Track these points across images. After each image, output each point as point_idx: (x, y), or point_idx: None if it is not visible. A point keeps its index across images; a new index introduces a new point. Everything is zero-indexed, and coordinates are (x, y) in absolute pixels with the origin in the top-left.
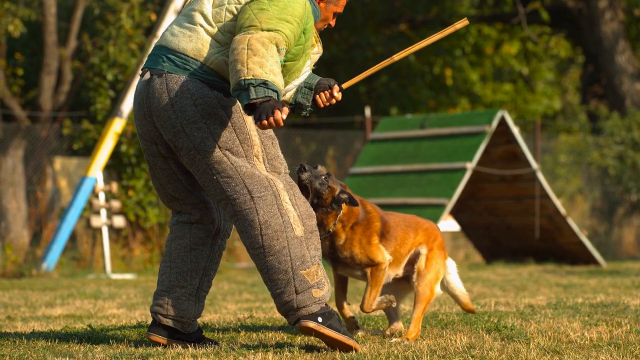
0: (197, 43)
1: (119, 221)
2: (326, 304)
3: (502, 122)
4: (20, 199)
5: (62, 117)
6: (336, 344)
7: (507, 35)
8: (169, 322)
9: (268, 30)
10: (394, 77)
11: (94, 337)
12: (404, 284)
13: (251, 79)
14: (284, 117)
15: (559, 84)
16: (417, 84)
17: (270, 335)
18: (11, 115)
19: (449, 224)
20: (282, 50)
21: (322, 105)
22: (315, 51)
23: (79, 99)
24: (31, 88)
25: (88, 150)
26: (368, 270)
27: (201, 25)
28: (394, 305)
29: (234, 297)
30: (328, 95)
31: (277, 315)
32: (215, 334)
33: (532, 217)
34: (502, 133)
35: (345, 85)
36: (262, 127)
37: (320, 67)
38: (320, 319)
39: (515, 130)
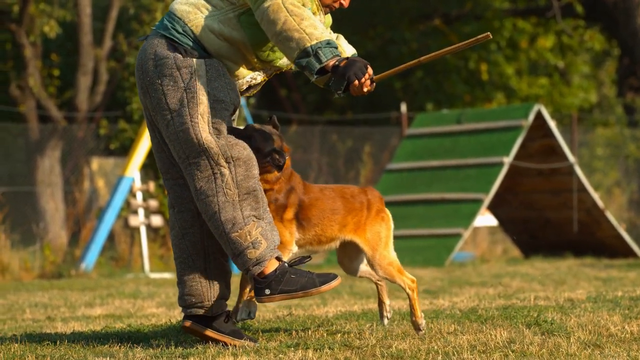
0: (187, 6)
1: (156, 220)
2: (281, 262)
3: (539, 116)
4: (58, 200)
5: (99, 117)
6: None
7: (542, 29)
8: (192, 312)
9: None
10: (429, 72)
11: (134, 336)
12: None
13: (316, 43)
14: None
15: (595, 77)
16: (452, 79)
17: (309, 332)
18: (48, 116)
19: (486, 218)
20: (308, 10)
21: (354, 94)
22: (319, 19)
23: (115, 99)
24: (67, 89)
25: (125, 150)
26: None
27: None
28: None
29: None
30: (361, 87)
31: (317, 312)
32: (255, 332)
33: (570, 211)
34: (539, 127)
35: (375, 78)
36: (360, 86)
37: None
38: (267, 291)
39: (552, 124)
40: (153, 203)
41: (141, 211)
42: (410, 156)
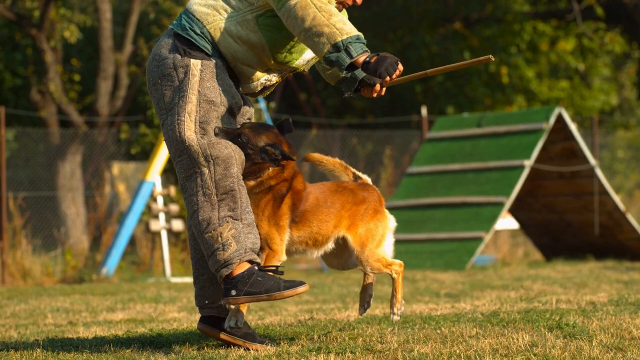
0: (206, 7)
1: (177, 224)
2: (251, 265)
3: (560, 119)
4: (79, 205)
5: (119, 122)
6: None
7: (562, 32)
8: (206, 313)
9: None
10: (449, 76)
11: (156, 341)
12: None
13: (347, 37)
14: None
15: (616, 79)
16: (473, 82)
17: (331, 336)
18: (69, 121)
19: (507, 222)
20: (333, 7)
21: (365, 96)
22: None
23: (135, 103)
24: (88, 93)
25: (145, 155)
26: (263, 255)
27: None
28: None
29: (293, 299)
30: (371, 90)
31: (339, 316)
32: (277, 336)
33: (591, 214)
34: (560, 130)
35: (384, 84)
36: (390, 83)
37: None
38: (233, 292)
39: (573, 126)
40: (174, 207)
41: (162, 215)
42: (431, 160)
